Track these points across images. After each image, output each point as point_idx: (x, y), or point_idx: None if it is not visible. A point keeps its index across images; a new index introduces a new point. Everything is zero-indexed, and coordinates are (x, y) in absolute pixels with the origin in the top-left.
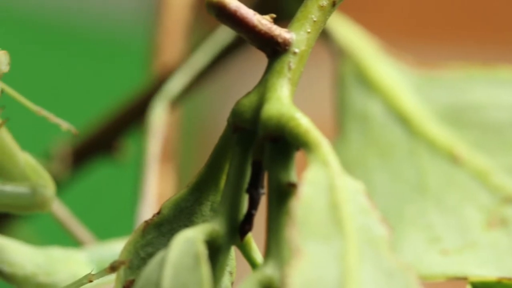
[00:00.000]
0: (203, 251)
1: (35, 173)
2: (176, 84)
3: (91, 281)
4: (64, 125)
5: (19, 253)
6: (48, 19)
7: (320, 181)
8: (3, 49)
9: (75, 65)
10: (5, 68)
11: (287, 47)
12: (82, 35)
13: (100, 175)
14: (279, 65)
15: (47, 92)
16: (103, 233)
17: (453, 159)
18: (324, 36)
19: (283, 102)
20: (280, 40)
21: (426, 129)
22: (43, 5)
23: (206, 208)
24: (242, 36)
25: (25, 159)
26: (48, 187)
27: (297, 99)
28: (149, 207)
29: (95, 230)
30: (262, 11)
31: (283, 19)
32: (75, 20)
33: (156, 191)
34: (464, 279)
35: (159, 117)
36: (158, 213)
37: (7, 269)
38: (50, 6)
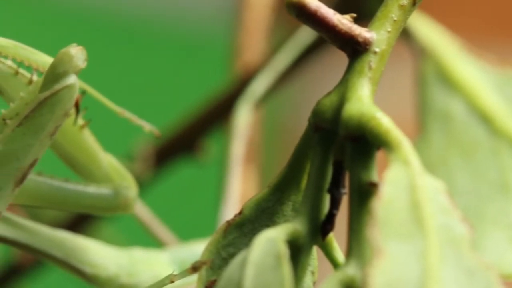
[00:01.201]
0: (284, 251)
1: (118, 175)
2: (259, 85)
3: (173, 282)
4: (147, 126)
5: (102, 255)
6: (131, 19)
7: (401, 180)
8: (85, 47)
9: (157, 66)
10: (82, 64)
11: (367, 47)
12: (164, 36)
13: (182, 175)
14: (359, 64)
15: (129, 93)
16: (186, 234)
17: None
18: (405, 35)
19: (364, 101)
20: (360, 39)
21: (508, 127)
22: (127, 6)
23: (287, 208)
24: (322, 35)
25: (108, 161)
26: (130, 188)
27: (378, 99)
28: (232, 207)
29: (178, 231)
30: (342, 10)
31: (363, 19)
32: (158, 21)
33: (239, 192)
34: None
35: (244, 118)
36: (240, 213)
37: (89, 270)
38: (133, 6)
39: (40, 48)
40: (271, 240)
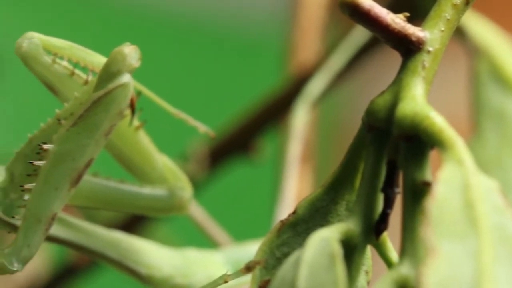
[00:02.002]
0: (338, 250)
1: (173, 176)
2: (315, 85)
3: (226, 282)
4: (202, 127)
5: (157, 255)
6: (187, 19)
7: (455, 179)
8: (139, 48)
9: (212, 66)
10: (136, 63)
11: (421, 46)
12: (219, 36)
13: (237, 175)
14: (413, 64)
15: (184, 93)
16: (240, 234)
17: None
18: (459, 34)
19: (417, 101)
20: (414, 38)
21: None
22: (182, 6)
23: (341, 208)
24: (376, 35)
25: (163, 162)
26: (185, 189)
27: (432, 98)
28: (287, 207)
29: (232, 231)
30: (395, 10)
31: (416, 18)
32: (213, 21)
33: (294, 192)
34: None
35: (301, 118)
36: (294, 213)
37: (144, 271)
38: (188, 6)
39: (96, 49)
40: (325, 239)
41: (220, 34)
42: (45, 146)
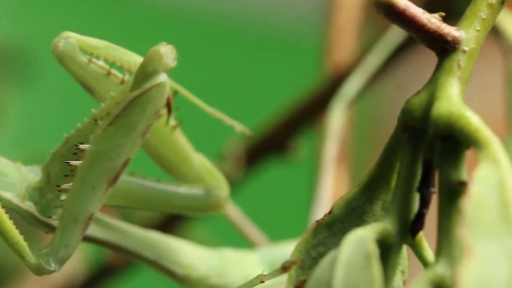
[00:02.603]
0: (374, 250)
1: (210, 175)
2: (352, 85)
3: (262, 282)
4: (238, 127)
5: (193, 255)
6: (223, 19)
7: (491, 179)
8: (175, 47)
9: (248, 65)
10: (172, 62)
11: (456, 45)
12: (255, 36)
13: (273, 175)
14: (448, 63)
15: (221, 92)
16: (276, 234)
17: None
18: (494, 34)
19: (453, 100)
20: (449, 38)
21: None
22: (218, 5)
23: (377, 207)
24: (411, 34)
25: (200, 161)
26: (222, 188)
27: (467, 98)
28: (324, 207)
29: (268, 231)
30: (431, 9)
31: (452, 18)
32: (249, 21)
33: (331, 191)
34: None
35: (337, 118)
36: (330, 212)
37: (180, 271)
38: (225, 6)
39: (132, 49)
40: (361, 239)
41: (256, 34)
42: (82, 146)
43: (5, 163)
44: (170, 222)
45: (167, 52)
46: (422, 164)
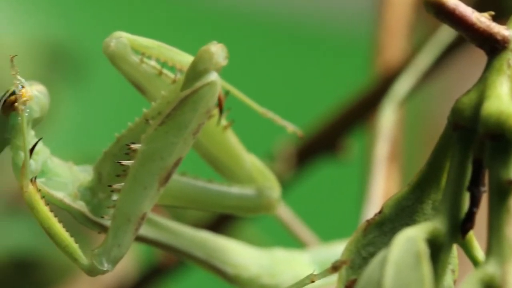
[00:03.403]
0: (424, 249)
1: (262, 175)
2: (403, 85)
3: (313, 282)
4: (290, 127)
5: (244, 255)
6: (274, 19)
7: None
8: (227, 47)
9: (299, 65)
10: (223, 61)
11: (506, 45)
12: (305, 35)
13: (324, 175)
14: (498, 62)
15: (271, 92)
16: (327, 234)
17: None
18: None
19: (503, 99)
20: (499, 37)
21: None
22: (269, 5)
23: (427, 207)
24: (460, 34)
25: (252, 161)
26: (274, 189)
27: None
28: (375, 207)
29: (319, 231)
30: (480, 9)
31: (501, 17)
32: (300, 21)
33: (381, 191)
34: None
35: (388, 118)
36: (380, 212)
37: (231, 270)
38: (275, 6)
39: (184, 49)
40: (411, 239)
41: (307, 34)
42: (133, 146)
43: (57, 163)
44: (221, 222)
45: (218, 51)
46: (472, 163)
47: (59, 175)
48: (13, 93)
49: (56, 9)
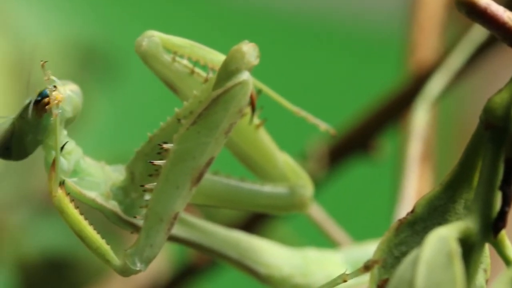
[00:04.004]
0: (456, 249)
1: (294, 173)
2: (435, 84)
3: (345, 281)
4: (322, 125)
5: (276, 255)
6: (306, 17)
7: None
8: (259, 46)
9: (331, 64)
10: (254, 60)
11: None
12: (338, 34)
13: (356, 174)
14: None
15: (304, 91)
16: (360, 234)
17: None
18: None
19: None
20: None
21: None
22: (301, 4)
23: (459, 206)
24: (492, 33)
25: (284, 160)
26: (307, 187)
27: None
28: (407, 206)
29: (352, 231)
30: None
31: None
32: (332, 19)
33: (414, 191)
34: None
35: (421, 117)
36: (412, 211)
37: (264, 270)
38: (307, 4)
39: (217, 48)
40: (443, 238)
41: (340, 33)
42: (166, 146)
43: (89, 163)
44: (254, 222)
45: (249, 50)
46: (504, 162)
47: (92, 175)
48: (46, 94)
49: (90, 9)
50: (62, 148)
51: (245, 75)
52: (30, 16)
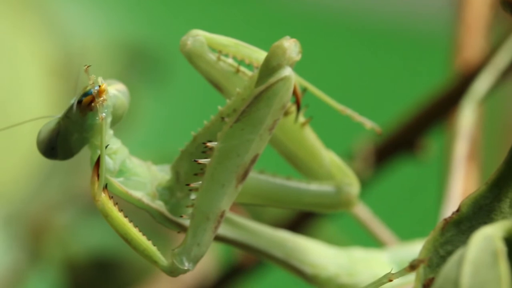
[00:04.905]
0: (502, 248)
1: (340, 171)
2: (481, 84)
3: (391, 281)
4: (368, 124)
5: (322, 254)
6: (351, 16)
7: None
8: (305, 46)
9: (377, 62)
10: (296, 56)
11: None
12: (384, 32)
13: (403, 174)
14: None
15: (349, 89)
16: (406, 233)
17: None
18: None
19: None
20: None
21: None
22: (345, 2)
23: (505, 205)
24: None
25: (330, 158)
26: (353, 185)
27: None
28: (454, 206)
29: (398, 230)
30: None
31: None
32: (378, 18)
33: (460, 190)
34: None
35: (467, 118)
36: (457, 210)
37: (310, 270)
38: (353, 2)
39: (262, 47)
40: (488, 237)
41: (386, 32)
42: (210, 144)
43: (136, 163)
44: (300, 221)
45: (291, 46)
46: None
47: (138, 175)
48: (90, 93)
49: (136, 10)
50: (107, 147)
51: (287, 71)
52: (77, 17)
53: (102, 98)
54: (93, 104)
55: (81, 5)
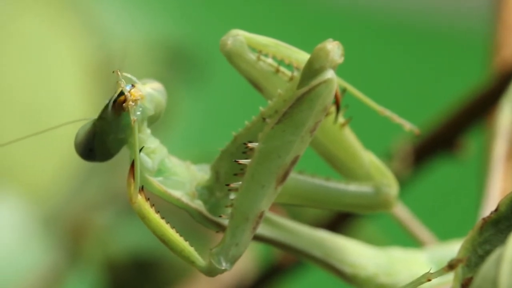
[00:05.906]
0: None
1: (379, 172)
2: None
3: (429, 280)
4: (407, 125)
5: (361, 254)
6: (388, 16)
7: None
8: (343, 45)
9: (415, 62)
10: (339, 58)
11: None
12: (422, 32)
13: (441, 173)
14: None
15: (387, 90)
16: (445, 233)
17: None
18: None
19: None
20: None
21: None
22: (384, 2)
23: None
24: None
25: (369, 159)
26: (392, 186)
27: None
28: (493, 206)
29: (436, 230)
30: None
31: None
32: (416, 18)
33: (499, 190)
34: None
35: (507, 117)
36: (496, 210)
37: (349, 270)
38: (391, 3)
39: (302, 47)
40: None
41: (424, 31)
42: (251, 145)
43: (175, 162)
44: (339, 221)
45: (333, 49)
46: None
47: (177, 174)
48: (123, 92)
49: (176, 9)
50: (142, 147)
51: (330, 74)
52: (116, 17)
53: (135, 98)
54: (125, 103)
55: (120, 6)
